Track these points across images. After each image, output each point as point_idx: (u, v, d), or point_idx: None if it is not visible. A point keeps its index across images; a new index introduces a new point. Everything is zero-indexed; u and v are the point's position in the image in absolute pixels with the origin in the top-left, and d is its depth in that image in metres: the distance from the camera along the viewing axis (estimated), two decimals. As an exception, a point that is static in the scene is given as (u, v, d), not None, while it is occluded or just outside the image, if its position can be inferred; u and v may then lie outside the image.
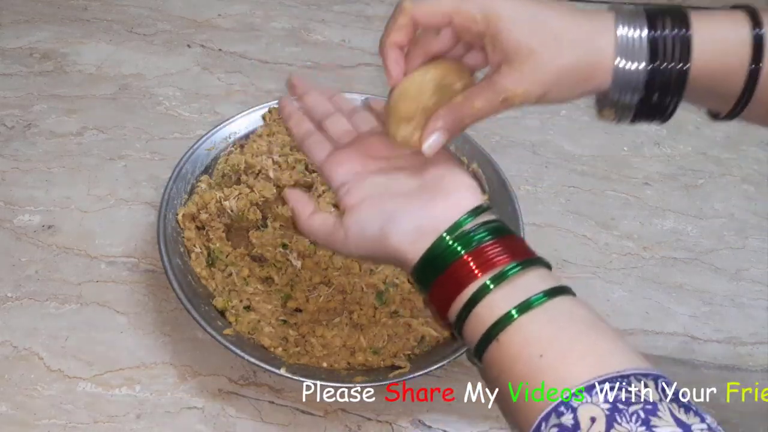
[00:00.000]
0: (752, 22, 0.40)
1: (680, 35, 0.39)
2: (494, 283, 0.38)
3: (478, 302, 0.38)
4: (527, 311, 0.37)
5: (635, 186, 0.82)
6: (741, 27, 0.40)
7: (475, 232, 0.40)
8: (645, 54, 0.39)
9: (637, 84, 0.40)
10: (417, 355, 0.61)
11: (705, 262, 0.74)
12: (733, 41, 0.40)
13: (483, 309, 0.38)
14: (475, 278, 0.38)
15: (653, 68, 0.39)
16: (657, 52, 0.39)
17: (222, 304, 0.62)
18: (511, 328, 0.37)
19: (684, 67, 0.39)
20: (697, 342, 0.68)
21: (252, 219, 0.67)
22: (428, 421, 0.60)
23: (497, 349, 0.37)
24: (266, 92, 0.88)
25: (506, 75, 0.40)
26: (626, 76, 0.40)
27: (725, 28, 0.40)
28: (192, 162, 0.70)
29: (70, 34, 0.94)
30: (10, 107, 0.84)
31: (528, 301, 0.37)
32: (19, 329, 0.64)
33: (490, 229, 0.40)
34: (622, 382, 0.33)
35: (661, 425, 0.31)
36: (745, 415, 0.62)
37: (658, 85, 0.40)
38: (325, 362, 0.60)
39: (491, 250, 0.39)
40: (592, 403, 0.32)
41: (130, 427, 0.58)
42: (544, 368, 0.35)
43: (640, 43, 0.39)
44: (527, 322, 0.37)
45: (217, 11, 1.00)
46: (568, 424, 0.32)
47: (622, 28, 0.40)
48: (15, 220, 0.73)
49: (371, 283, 0.64)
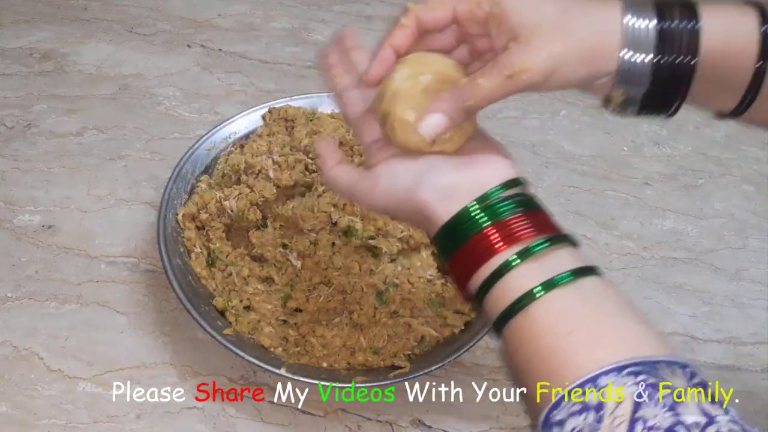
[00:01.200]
0: (761, 18, 0.40)
1: (689, 27, 0.39)
2: (521, 257, 0.37)
3: (502, 275, 0.37)
4: (554, 288, 0.36)
5: (635, 186, 0.82)
6: (750, 22, 0.39)
7: (503, 203, 0.39)
8: (652, 45, 0.39)
9: (642, 76, 0.39)
10: (417, 355, 0.61)
11: (705, 262, 0.74)
12: (742, 36, 0.39)
13: (507, 283, 0.37)
14: (498, 251, 0.38)
15: (660, 60, 0.39)
16: (665, 44, 0.39)
17: (222, 304, 0.62)
18: (539, 303, 0.36)
19: (692, 61, 0.39)
20: (697, 342, 0.68)
21: (252, 219, 0.67)
22: (428, 421, 0.60)
23: (522, 323, 0.36)
24: (266, 92, 0.88)
25: (513, 52, 0.39)
26: (632, 68, 0.39)
27: (735, 22, 0.40)
28: (192, 162, 0.70)
29: (70, 34, 0.94)
30: (10, 107, 0.84)
31: (553, 279, 0.36)
32: (19, 329, 0.64)
33: (518, 201, 0.39)
34: (651, 367, 0.32)
35: (687, 413, 0.31)
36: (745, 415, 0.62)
37: (664, 77, 0.39)
38: (325, 362, 0.60)
39: (517, 223, 0.38)
40: (620, 383, 0.32)
41: (130, 427, 0.58)
42: (573, 345, 0.34)
43: (648, 33, 0.39)
44: (556, 298, 0.36)
45: (217, 11, 1.00)
46: (593, 401, 0.32)
47: (630, 18, 0.39)
48: (15, 220, 0.73)
49: (371, 283, 0.64)
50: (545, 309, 0.36)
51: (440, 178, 0.40)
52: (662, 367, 0.33)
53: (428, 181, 0.40)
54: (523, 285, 0.37)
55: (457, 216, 0.39)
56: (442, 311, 0.63)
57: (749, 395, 0.64)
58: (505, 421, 0.61)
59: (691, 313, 0.70)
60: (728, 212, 0.80)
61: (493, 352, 0.65)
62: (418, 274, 0.64)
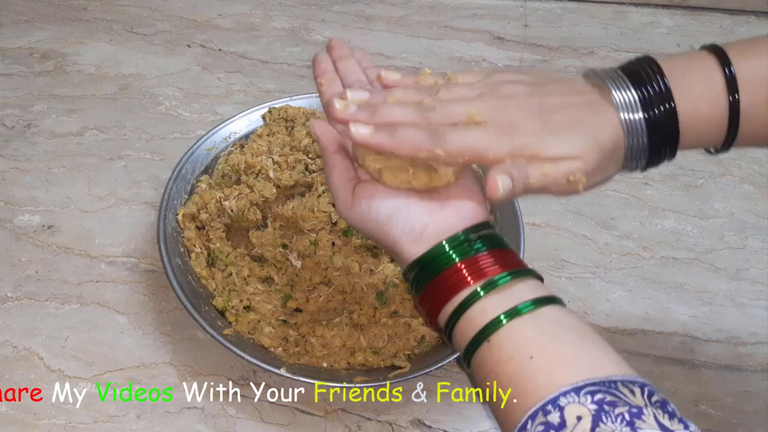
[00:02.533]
0: (720, 62, 0.43)
1: (668, 108, 0.42)
2: (485, 290, 0.39)
3: (468, 307, 0.39)
4: (516, 317, 0.38)
5: (635, 186, 0.82)
6: (712, 70, 0.43)
7: (472, 243, 0.41)
8: (639, 108, 0.42)
9: (640, 129, 0.42)
10: (417, 355, 0.61)
11: (705, 262, 0.74)
12: (708, 87, 0.43)
13: (473, 314, 0.39)
14: (467, 285, 0.40)
15: (649, 115, 0.42)
16: (647, 103, 0.42)
17: (222, 304, 0.62)
18: (502, 331, 0.38)
19: (672, 107, 0.42)
20: (697, 342, 0.68)
21: (252, 219, 0.67)
22: (428, 421, 0.60)
23: (488, 351, 0.38)
24: (266, 92, 0.88)
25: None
26: (632, 126, 0.42)
27: (699, 81, 0.43)
28: (192, 162, 0.70)
29: (70, 34, 0.94)
30: (10, 107, 0.84)
31: (516, 308, 0.38)
32: (19, 329, 0.64)
33: (486, 241, 0.41)
34: (609, 386, 0.34)
35: (645, 428, 0.32)
36: (745, 414, 0.62)
37: (656, 128, 0.43)
38: (325, 362, 0.60)
39: (485, 260, 0.40)
40: (579, 403, 0.33)
41: (130, 427, 0.58)
42: (533, 369, 0.36)
43: (634, 99, 0.42)
44: (518, 325, 0.38)
45: (217, 11, 1.00)
46: (555, 422, 0.33)
47: (616, 93, 0.43)
48: (15, 220, 0.73)
49: (371, 283, 0.64)
50: (508, 336, 0.38)
51: (414, 220, 0.42)
52: (620, 386, 0.34)
53: (401, 222, 0.42)
54: (487, 315, 0.39)
55: (428, 253, 0.41)
56: (442, 311, 0.62)
57: (749, 395, 0.64)
58: (504, 421, 0.60)
59: (691, 313, 0.70)
60: (728, 212, 0.80)
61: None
62: (418, 274, 0.64)
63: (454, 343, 0.41)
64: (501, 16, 1.02)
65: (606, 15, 1.03)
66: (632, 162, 0.44)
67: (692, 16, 1.03)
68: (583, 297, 0.70)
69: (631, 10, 1.04)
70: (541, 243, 0.74)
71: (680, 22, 1.02)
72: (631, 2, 1.05)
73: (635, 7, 1.04)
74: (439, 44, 0.96)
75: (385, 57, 0.93)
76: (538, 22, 1.01)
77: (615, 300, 0.70)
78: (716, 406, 0.63)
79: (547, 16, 1.02)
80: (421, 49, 0.95)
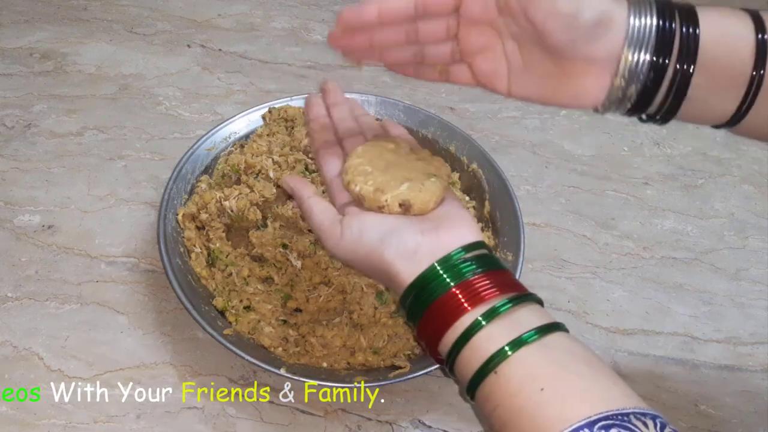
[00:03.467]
0: (756, 25, 0.40)
1: (689, 31, 0.39)
2: (487, 318, 0.38)
3: (471, 336, 0.38)
4: (523, 346, 0.37)
5: (635, 186, 0.82)
6: (746, 28, 0.40)
7: (465, 264, 0.40)
8: (652, 45, 0.39)
9: (648, 39, 0.39)
10: (417, 355, 0.61)
11: (705, 262, 0.74)
12: (739, 43, 0.40)
13: (478, 342, 0.38)
14: (465, 311, 0.39)
15: (658, 59, 0.39)
16: (664, 46, 0.39)
17: (222, 304, 0.62)
18: (510, 361, 0.37)
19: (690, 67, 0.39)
20: (697, 342, 0.68)
21: (252, 219, 0.67)
22: (428, 421, 0.60)
23: (495, 382, 0.37)
24: (266, 92, 0.88)
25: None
26: (638, 32, 0.39)
27: (731, 28, 0.40)
28: (192, 162, 0.70)
29: (70, 34, 0.94)
30: (10, 107, 0.84)
31: (521, 337, 0.37)
32: (19, 329, 0.64)
33: (478, 262, 0.41)
34: (623, 419, 0.33)
35: None
36: (745, 414, 0.62)
37: (660, 75, 0.40)
38: (325, 362, 0.60)
39: (480, 283, 0.40)
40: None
41: (130, 427, 0.58)
42: (545, 402, 0.35)
43: (649, 33, 0.39)
44: (526, 355, 0.37)
45: (217, 11, 1.00)
46: None
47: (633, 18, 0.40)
48: (15, 220, 0.73)
49: (371, 283, 0.64)
50: (515, 367, 0.37)
51: (407, 240, 0.42)
52: (633, 418, 0.33)
53: (394, 243, 0.42)
54: (491, 346, 0.37)
55: (422, 276, 0.41)
56: (442, 311, 0.62)
57: (749, 395, 0.64)
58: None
59: (691, 313, 0.70)
60: (728, 212, 0.80)
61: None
62: (418, 274, 0.64)
63: (457, 374, 0.40)
64: (501, 16, 1.01)
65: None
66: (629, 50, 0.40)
67: (692, 16, 1.03)
68: (583, 297, 0.70)
69: (631, 10, 1.04)
70: (541, 243, 0.74)
71: (680, 22, 1.02)
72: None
73: (635, 7, 1.04)
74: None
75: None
76: (538, 22, 1.01)
77: (615, 300, 0.70)
78: (716, 406, 0.63)
79: (547, 16, 1.02)
80: (421, 49, 0.95)
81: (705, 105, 0.42)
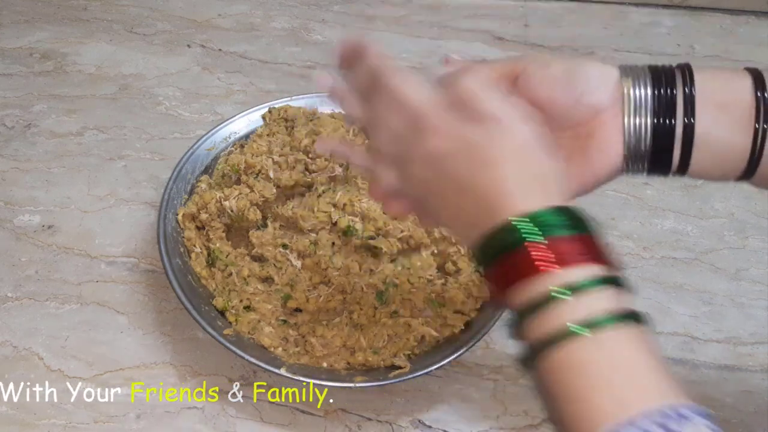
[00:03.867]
0: (754, 80, 0.41)
1: (686, 92, 0.41)
2: (596, 284, 0.36)
3: (551, 302, 0.35)
4: (603, 329, 0.35)
5: (635, 186, 0.82)
6: (744, 85, 0.41)
7: (571, 222, 0.38)
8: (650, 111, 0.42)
9: (646, 104, 0.41)
10: (417, 355, 0.61)
11: (705, 262, 0.74)
12: (738, 99, 0.41)
13: (556, 311, 0.35)
14: (581, 262, 0.36)
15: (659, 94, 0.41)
16: (662, 109, 0.42)
17: (222, 304, 0.62)
18: (588, 341, 0.35)
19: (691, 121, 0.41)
20: (697, 342, 0.68)
21: (252, 219, 0.67)
22: (428, 421, 0.60)
23: (566, 357, 0.35)
24: (266, 92, 0.88)
25: None
26: (635, 101, 0.42)
27: (729, 86, 0.41)
28: (192, 162, 0.70)
29: (70, 34, 0.95)
30: (10, 107, 0.84)
31: (605, 318, 0.35)
32: (19, 329, 0.64)
33: (581, 225, 0.38)
34: (696, 418, 0.33)
35: None
36: (745, 414, 0.62)
37: (664, 136, 0.42)
38: (325, 362, 0.60)
39: (600, 244, 0.38)
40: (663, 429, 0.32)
41: (130, 427, 0.58)
42: (614, 389, 0.34)
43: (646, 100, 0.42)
44: (606, 339, 0.35)
45: (217, 11, 1.00)
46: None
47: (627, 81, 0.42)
48: (15, 220, 0.73)
49: (371, 283, 0.63)
50: (595, 348, 0.35)
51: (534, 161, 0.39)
52: (709, 418, 0.33)
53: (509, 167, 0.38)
54: (574, 318, 0.35)
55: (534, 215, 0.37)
56: (442, 311, 0.62)
57: (749, 395, 0.64)
58: (505, 421, 0.61)
59: (691, 313, 0.70)
60: (728, 212, 0.80)
61: (493, 352, 0.65)
62: (418, 274, 0.64)
63: (524, 328, 0.37)
64: (501, 16, 1.01)
65: (606, 15, 1.03)
66: (629, 117, 0.42)
67: (692, 16, 1.03)
68: (583, 297, 0.70)
69: (632, 10, 1.04)
70: (541, 243, 0.74)
71: (680, 22, 1.02)
72: (631, 2, 1.05)
73: (635, 7, 1.04)
74: (439, 44, 0.96)
75: (385, 57, 0.93)
76: (538, 22, 1.01)
77: (615, 300, 0.70)
78: (716, 406, 0.63)
79: (547, 16, 1.02)
80: (421, 49, 0.95)
81: (712, 164, 0.43)
